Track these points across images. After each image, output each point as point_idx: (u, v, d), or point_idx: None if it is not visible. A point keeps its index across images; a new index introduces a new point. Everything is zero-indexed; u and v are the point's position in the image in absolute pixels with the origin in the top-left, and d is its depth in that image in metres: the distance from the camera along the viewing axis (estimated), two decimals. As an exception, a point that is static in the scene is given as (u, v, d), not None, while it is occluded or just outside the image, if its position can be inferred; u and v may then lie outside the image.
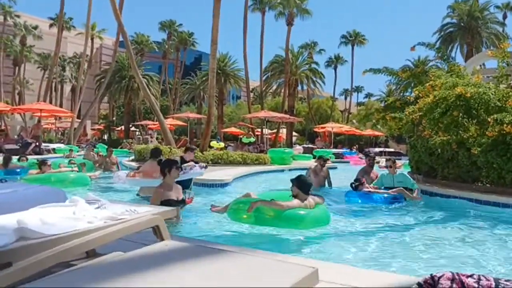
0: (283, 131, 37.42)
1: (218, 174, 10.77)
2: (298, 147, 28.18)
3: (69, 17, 48.92)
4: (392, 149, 30.32)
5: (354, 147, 31.25)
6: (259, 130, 33.09)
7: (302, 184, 5.19)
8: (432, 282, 1.73)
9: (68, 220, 2.50)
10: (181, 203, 5.29)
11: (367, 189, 7.73)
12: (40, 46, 52.55)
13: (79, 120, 31.76)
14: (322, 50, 52.01)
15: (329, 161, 16.01)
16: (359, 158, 22.14)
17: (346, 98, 66.48)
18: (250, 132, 28.86)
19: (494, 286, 1.66)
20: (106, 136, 42.53)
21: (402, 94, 13.48)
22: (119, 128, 44.55)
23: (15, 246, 2.10)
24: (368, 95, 67.07)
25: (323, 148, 27.15)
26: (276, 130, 33.85)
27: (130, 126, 42.07)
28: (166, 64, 52.79)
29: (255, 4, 38.38)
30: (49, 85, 36.25)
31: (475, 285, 1.67)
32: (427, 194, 8.26)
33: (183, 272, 2.02)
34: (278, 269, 2.11)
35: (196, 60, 79.74)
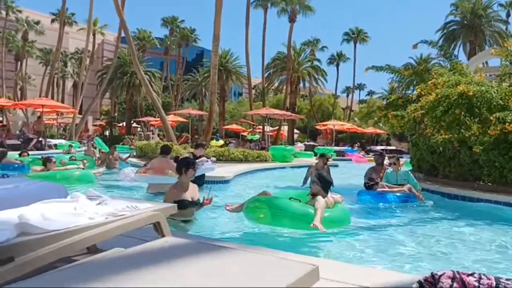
0: (285, 129, 37.38)
1: (219, 171, 10.76)
2: (300, 144, 28.19)
3: (71, 12, 48.99)
4: (393, 147, 30.29)
5: (356, 145, 31.23)
6: (261, 127, 33.08)
7: (323, 182, 5.00)
8: (433, 280, 1.73)
9: (69, 216, 2.50)
10: (196, 204, 5.05)
11: (382, 188, 7.51)
12: (42, 41, 52.57)
13: (81, 116, 31.80)
14: (325, 47, 51.92)
15: (330, 158, 16.03)
16: (361, 156, 22.14)
17: (348, 96, 66.34)
18: (255, 130, 28.79)
19: (494, 285, 1.66)
20: (107, 132, 42.53)
21: (404, 92, 13.51)
22: (121, 124, 44.55)
23: (17, 241, 2.10)
24: (370, 93, 67.06)
25: (324, 145, 27.12)
26: (277, 127, 33.82)
27: (132, 122, 42.06)
28: (168, 60, 52.78)
29: (257, 1, 38.32)
30: (51, 80, 36.31)
31: (476, 283, 1.67)
32: (429, 192, 8.25)
33: (184, 268, 2.02)
34: (278, 266, 2.11)
35: (198, 57, 79.64)
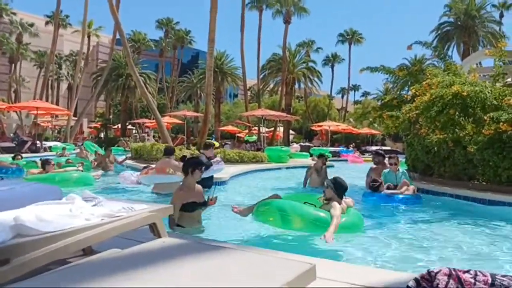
0: (280, 130, 37.42)
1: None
2: (295, 145, 28.22)
3: (65, 14, 48.78)
4: (388, 147, 30.37)
5: (351, 146, 31.31)
6: (256, 128, 33.09)
7: (339, 187, 4.80)
8: (429, 277, 1.74)
9: (65, 217, 2.49)
10: (203, 206, 4.89)
11: (389, 190, 7.39)
12: (36, 43, 52.29)
13: (76, 118, 31.69)
14: (320, 48, 52.08)
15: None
16: (356, 156, 22.20)
17: (343, 97, 66.56)
18: (252, 131, 28.77)
19: (490, 282, 1.67)
20: (102, 134, 42.37)
21: (399, 93, 13.55)
22: (116, 126, 44.43)
23: (12, 243, 2.09)
24: (365, 94, 67.29)
25: (320, 146, 27.18)
26: (273, 129, 33.86)
27: (127, 124, 41.95)
28: (163, 62, 52.70)
29: (252, 2, 38.34)
30: (45, 83, 36.15)
31: (472, 280, 1.68)
32: (424, 192, 8.28)
33: (181, 269, 2.02)
34: (275, 265, 2.11)
35: (193, 58, 79.50)
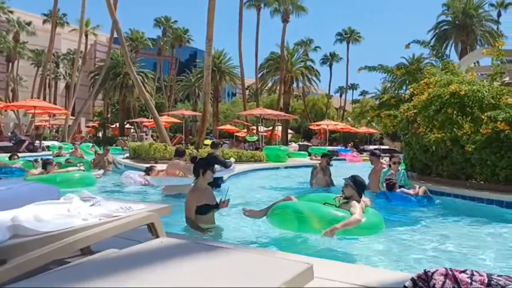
0: (279, 129, 37.44)
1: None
2: (294, 144, 28.24)
3: (63, 13, 48.68)
4: (387, 146, 30.41)
5: (349, 145, 31.35)
6: (255, 127, 33.10)
7: (359, 186, 4.66)
8: (426, 277, 1.75)
9: (63, 217, 2.49)
10: (215, 208, 4.76)
11: (407, 190, 7.22)
12: (34, 42, 52.08)
13: (73, 117, 31.61)
14: (318, 47, 52.15)
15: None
16: (354, 155, 22.22)
17: (341, 96, 66.63)
18: (253, 131, 28.75)
19: (487, 281, 1.68)
20: (100, 134, 42.31)
21: (397, 92, 13.56)
22: (114, 126, 44.36)
23: (10, 243, 2.09)
24: (363, 93, 67.37)
25: (318, 145, 27.20)
26: (271, 128, 33.87)
27: (125, 123, 41.91)
28: (161, 61, 52.63)
29: (250, 1, 38.34)
30: (42, 81, 36.05)
31: (468, 280, 1.69)
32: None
33: (178, 268, 2.02)
34: (272, 265, 2.12)
35: (191, 57, 79.49)
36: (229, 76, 42.70)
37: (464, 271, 1.74)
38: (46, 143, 22.11)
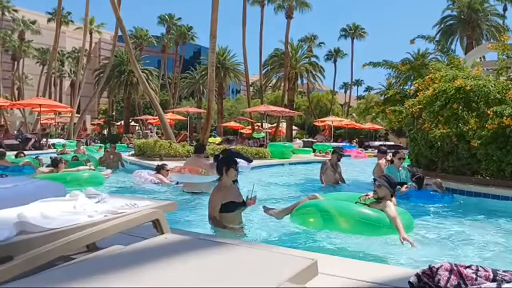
0: (283, 125, 37.42)
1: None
2: (298, 141, 28.20)
3: (67, 11, 48.60)
4: (392, 142, 30.30)
5: (354, 141, 31.26)
6: (259, 124, 33.08)
7: (393, 186, 4.53)
8: (431, 273, 1.74)
9: (69, 214, 2.51)
10: (242, 205, 4.63)
11: (430, 187, 7.00)
12: (39, 41, 52.31)
13: (79, 115, 31.74)
14: (322, 43, 51.86)
15: (328, 154, 16.03)
16: (359, 151, 22.17)
17: (346, 92, 66.40)
18: (260, 128, 28.68)
19: (492, 277, 1.67)
20: (106, 131, 42.49)
21: (401, 87, 13.47)
22: (119, 123, 44.51)
23: (16, 240, 2.11)
24: (368, 89, 67.00)
25: (323, 142, 27.15)
26: (276, 124, 33.81)
27: (130, 121, 42.04)
28: (165, 59, 52.62)
29: (254, -3, 38.17)
30: (48, 80, 36.13)
31: (473, 275, 1.68)
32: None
33: (182, 265, 2.03)
34: (276, 261, 2.13)
35: (195, 54, 79.55)
36: (233, 73, 42.66)
37: (469, 267, 1.73)
38: (51, 141, 22.24)
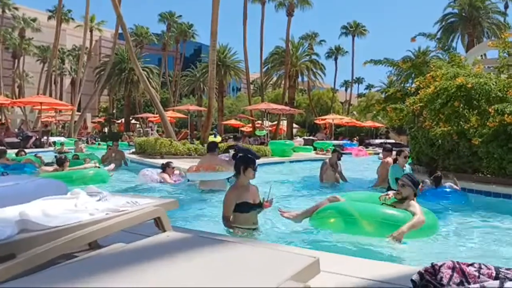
0: (284, 123, 37.40)
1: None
2: (299, 139, 28.20)
3: (68, 9, 48.60)
4: (392, 140, 30.29)
5: (355, 139, 31.26)
6: (260, 122, 33.07)
7: (416, 185, 4.45)
8: (433, 271, 1.74)
9: (70, 212, 2.51)
10: (258, 207, 4.48)
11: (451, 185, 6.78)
12: (39, 38, 52.32)
13: (79, 113, 31.76)
14: (323, 41, 51.82)
15: (328, 152, 16.02)
16: (360, 149, 22.17)
17: (346, 90, 66.35)
18: (262, 126, 28.68)
19: (494, 275, 1.67)
20: (106, 129, 42.50)
21: (402, 85, 13.44)
22: (120, 121, 44.53)
23: (18, 238, 2.11)
24: (369, 86, 67.01)
25: (323, 140, 27.15)
26: (276, 122, 33.82)
27: (131, 118, 42.06)
28: (166, 56, 52.60)
29: (254, -5, 38.09)
30: (48, 78, 36.17)
31: (476, 273, 1.68)
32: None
33: (184, 262, 2.03)
34: (278, 259, 2.12)
35: (196, 52, 79.39)
36: (233, 71, 42.62)
37: (471, 264, 1.73)
38: (52, 139, 22.25)
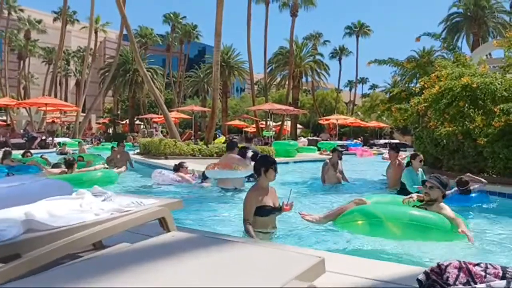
0: (288, 124, 37.38)
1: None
2: (303, 139, 28.16)
3: (72, 10, 48.89)
4: (397, 140, 30.20)
5: (359, 139, 31.20)
6: (264, 122, 33.07)
7: (444, 185, 4.33)
8: (439, 270, 1.73)
9: (75, 212, 2.52)
10: (277, 211, 4.35)
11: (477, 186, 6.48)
12: (44, 40, 52.61)
13: (84, 114, 31.88)
14: (327, 41, 51.75)
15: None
16: (365, 149, 22.12)
17: (351, 90, 66.18)
18: (270, 126, 28.63)
19: (501, 274, 1.66)
20: (111, 130, 42.66)
21: (407, 85, 13.43)
22: (124, 122, 44.68)
23: (23, 238, 2.12)
24: (373, 87, 66.78)
25: (327, 140, 27.10)
26: (280, 123, 33.81)
27: (135, 119, 42.18)
28: (170, 57, 52.72)
29: (259, -5, 38.10)
30: (53, 79, 36.39)
31: (483, 273, 1.67)
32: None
33: (189, 262, 2.03)
34: (284, 259, 2.12)
35: (200, 53, 79.50)
36: (237, 72, 42.67)
37: (478, 264, 1.72)
38: (57, 140, 22.35)
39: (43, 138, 20.26)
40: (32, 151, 13.90)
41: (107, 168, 9.47)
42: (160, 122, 33.83)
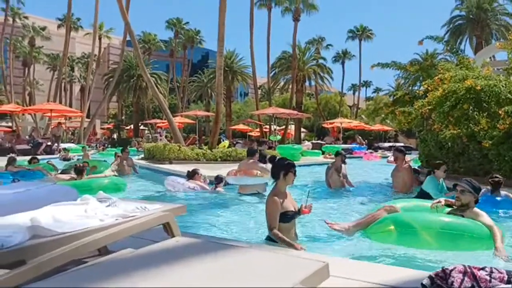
0: (291, 128, 37.34)
1: (228, 171, 10.72)
2: (307, 143, 28.13)
3: (76, 17, 49.23)
4: (402, 143, 30.10)
5: (364, 142, 31.12)
6: (267, 126, 33.08)
7: (477, 189, 4.19)
8: (444, 275, 1.72)
9: (80, 218, 2.53)
10: (297, 214, 4.14)
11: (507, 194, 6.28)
12: (49, 47, 53.01)
13: (89, 120, 32.04)
14: (330, 45, 51.73)
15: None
16: (368, 153, 22.05)
17: (354, 93, 66.05)
18: (277, 131, 28.60)
19: (506, 279, 1.65)
20: (115, 135, 42.82)
21: (411, 88, 13.41)
22: (129, 127, 44.83)
23: (29, 244, 2.13)
24: (377, 90, 66.62)
25: (332, 143, 27.05)
26: (284, 127, 33.77)
27: (139, 124, 42.31)
28: (174, 63, 52.95)
29: (261, 1, 38.22)
30: (58, 85, 36.58)
31: (487, 277, 1.66)
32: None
33: (194, 268, 2.03)
34: (289, 264, 2.12)
35: (203, 58, 79.79)
36: (241, 76, 42.72)
37: (483, 268, 1.71)
38: (63, 145, 22.44)
39: (49, 144, 20.35)
40: (38, 157, 13.97)
41: (116, 176, 9.47)
42: (164, 127, 33.92)
